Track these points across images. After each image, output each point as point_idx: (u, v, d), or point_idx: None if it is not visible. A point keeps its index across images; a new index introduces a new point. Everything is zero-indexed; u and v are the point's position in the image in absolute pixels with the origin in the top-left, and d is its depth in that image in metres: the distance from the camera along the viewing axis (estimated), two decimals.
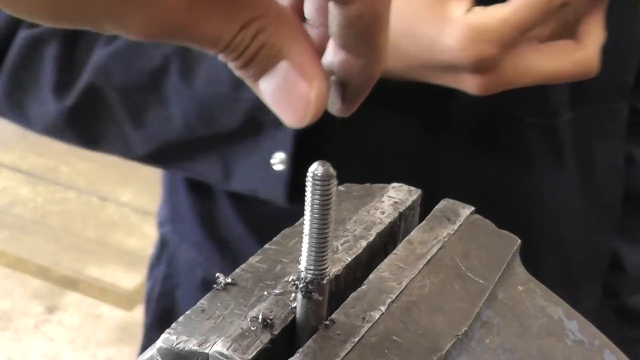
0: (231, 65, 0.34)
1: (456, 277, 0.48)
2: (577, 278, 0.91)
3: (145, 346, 1.04)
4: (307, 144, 0.74)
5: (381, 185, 0.56)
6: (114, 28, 0.31)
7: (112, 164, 3.19)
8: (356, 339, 0.41)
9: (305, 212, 0.38)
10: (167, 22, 0.30)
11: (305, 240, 0.39)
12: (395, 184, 0.55)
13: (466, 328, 0.45)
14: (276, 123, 0.69)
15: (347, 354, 0.40)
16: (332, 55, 0.36)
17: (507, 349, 0.46)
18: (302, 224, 0.39)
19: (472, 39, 0.61)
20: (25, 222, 2.89)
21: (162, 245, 0.96)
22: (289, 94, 0.33)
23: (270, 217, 0.65)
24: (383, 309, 0.44)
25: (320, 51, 0.37)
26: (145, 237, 2.83)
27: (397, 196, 0.53)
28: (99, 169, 3.16)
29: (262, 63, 0.33)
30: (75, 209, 2.96)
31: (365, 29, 0.34)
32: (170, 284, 0.96)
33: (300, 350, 0.40)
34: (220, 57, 0.33)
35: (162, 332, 1.03)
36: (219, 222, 0.87)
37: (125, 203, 2.97)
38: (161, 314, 0.98)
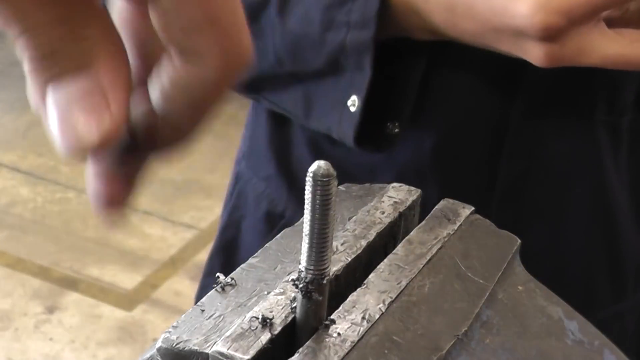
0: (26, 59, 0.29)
1: (456, 277, 0.48)
2: (625, 276, 0.93)
3: (206, 273, 1.13)
4: (382, 92, 0.77)
5: (381, 185, 0.56)
6: None
7: None
8: (356, 339, 0.41)
9: (305, 212, 0.38)
10: None
11: (306, 240, 0.39)
12: (395, 184, 0.55)
13: (466, 328, 0.45)
14: (355, 67, 0.74)
15: (347, 354, 0.40)
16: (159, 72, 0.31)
17: (507, 349, 0.46)
18: (302, 224, 0.39)
19: (542, 7, 0.64)
20: (25, 222, 2.89)
21: (236, 180, 1.02)
22: (75, 113, 0.30)
23: (338, 162, 0.67)
24: (383, 309, 0.44)
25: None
26: (145, 237, 2.83)
27: (397, 196, 0.53)
28: None
29: (54, 65, 0.28)
30: (75, 209, 2.96)
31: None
32: (237, 216, 1.00)
33: (300, 350, 0.40)
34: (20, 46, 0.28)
35: (224, 260, 1.05)
36: (292, 159, 0.92)
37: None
38: (225, 243, 1.02)
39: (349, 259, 0.47)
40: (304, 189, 0.37)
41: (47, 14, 0.27)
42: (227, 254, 1.03)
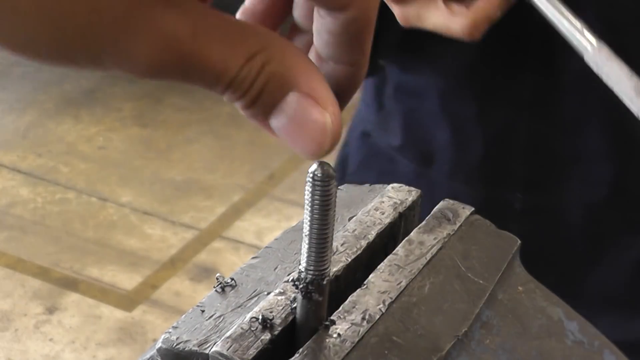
0: (238, 104, 0.32)
1: (456, 278, 0.48)
2: None
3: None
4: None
5: (381, 185, 0.56)
6: (115, 61, 0.29)
7: (112, 165, 3.19)
8: (356, 340, 0.41)
9: (305, 213, 0.38)
10: (171, 51, 0.29)
11: (305, 240, 0.39)
12: (395, 184, 0.55)
13: (466, 328, 0.45)
14: None
15: (347, 354, 0.40)
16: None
17: (507, 349, 0.46)
18: (302, 224, 0.39)
19: None
20: (25, 223, 2.89)
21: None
22: (304, 125, 0.32)
23: None
24: (383, 309, 0.44)
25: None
26: (145, 237, 2.83)
27: (397, 196, 0.53)
28: (99, 170, 3.15)
29: (270, 97, 0.31)
30: (75, 209, 2.96)
31: (358, 34, 0.33)
32: (345, 137, 1.11)
33: (300, 350, 0.40)
34: (226, 96, 0.32)
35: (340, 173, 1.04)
36: (385, 97, 1.01)
37: (125, 203, 2.96)
38: (339, 161, 1.11)
39: (349, 259, 0.47)
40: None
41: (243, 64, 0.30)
42: (341, 171, 1.13)
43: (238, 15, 0.37)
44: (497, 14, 0.77)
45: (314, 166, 0.37)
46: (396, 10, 0.79)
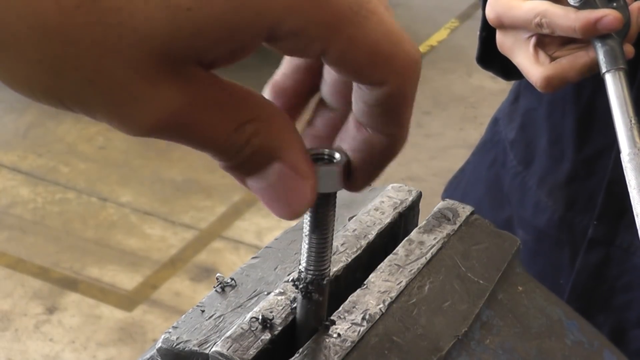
0: (221, 165, 0.33)
1: (456, 278, 0.48)
2: None
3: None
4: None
5: (381, 185, 0.56)
6: (108, 120, 0.30)
7: (112, 165, 3.19)
8: (356, 340, 0.41)
9: (305, 213, 0.38)
10: (166, 119, 0.29)
11: (306, 240, 0.39)
12: (395, 184, 0.55)
13: (466, 328, 0.45)
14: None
15: (347, 354, 0.40)
16: (351, 134, 0.36)
17: (507, 349, 0.46)
18: (302, 224, 0.39)
19: (490, 3, 0.82)
20: (25, 223, 2.89)
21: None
22: (282, 192, 0.33)
23: None
24: (383, 309, 0.44)
25: (335, 131, 0.37)
26: (145, 237, 2.83)
27: (396, 196, 0.53)
28: (99, 169, 3.15)
29: (254, 165, 0.32)
30: (75, 209, 2.96)
31: (394, 108, 0.33)
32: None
33: (300, 350, 0.40)
34: (211, 156, 0.32)
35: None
36: (521, 89, 1.05)
37: (125, 203, 2.96)
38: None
39: (349, 259, 0.47)
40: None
41: (231, 134, 0.31)
42: None
43: (267, 89, 0.37)
44: (575, 78, 0.78)
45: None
46: (497, 34, 0.83)
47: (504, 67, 0.93)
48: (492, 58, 0.93)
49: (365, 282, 0.46)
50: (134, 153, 3.22)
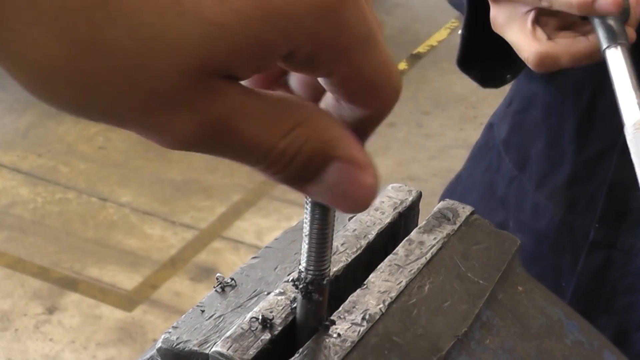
0: (277, 178, 0.32)
1: (456, 278, 0.48)
2: None
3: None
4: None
5: (381, 185, 0.56)
6: (144, 134, 0.30)
7: (112, 165, 3.19)
8: (356, 340, 0.41)
9: (305, 213, 0.38)
10: (203, 131, 0.29)
11: (306, 240, 0.39)
12: (395, 184, 0.55)
13: (466, 329, 0.45)
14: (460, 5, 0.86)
15: (347, 354, 0.40)
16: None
17: (507, 349, 0.46)
18: (302, 224, 0.39)
19: None
20: (25, 223, 2.89)
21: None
22: (348, 188, 0.32)
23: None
24: (383, 309, 0.44)
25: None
26: (145, 237, 2.83)
27: (396, 196, 0.53)
28: (99, 170, 3.15)
29: (312, 171, 0.32)
30: (75, 209, 2.96)
31: (367, 123, 0.34)
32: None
33: (300, 350, 0.40)
34: (264, 170, 0.31)
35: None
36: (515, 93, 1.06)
37: (125, 203, 2.96)
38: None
39: (349, 259, 0.47)
40: None
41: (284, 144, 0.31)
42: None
43: None
44: (569, 63, 0.76)
45: None
46: (491, 9, 0.79)
47: (482, 72, 0.92)
48: (471, 61, 0.92)
49: (365, 282, 0.46)
50: (133, 153, 3.22)
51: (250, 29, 0.28)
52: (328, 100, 0.34)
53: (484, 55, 0.92)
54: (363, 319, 0.43)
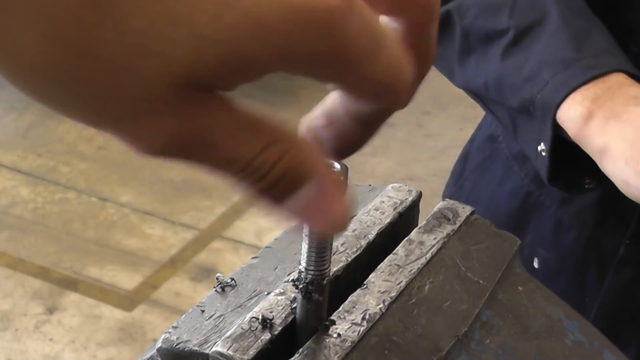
0: (250, 190, 0.32)
1: (456, 278, 0.48)
2: None
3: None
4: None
5: (381, 185, 0.56)
6: (119, 138, 0.30)
7: (112, 165, 3.19)
8: (356, 340, 0.41)
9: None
10: (180, 141, 0.29)
11: (306, 240, 0.39)
12: (395, 184, 0.55)
13: (466, 329, 0.45)
14: (541, 119, 0.79)
15: (347, 354, 0.40)
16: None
17: (507, 349, 0.46)
18: (302, 224, 0.39)
19: None
20: (25, 223, 2.89)
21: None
22: (322, 209, 0.33)
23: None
24: (383, 309, 0.44)
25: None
26: (145, 237, 2.83)
27: (396, 196, 0.53)
28: (99, 170, 3.15)
29: (288, 185, 0.31)
30: (75, 209, 2.96)
31: (375, 118, 0.35)
32: (473, 133, 1.19)
33: (300, 350, 0.40)
34: (240, 182, 0.31)
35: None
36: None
37: (125, 203, 2.96)
38: (462, 154, 1.17)
39: (349, 259, 0.47)
40: None
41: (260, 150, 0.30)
42: (464, 161, 1.17)
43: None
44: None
45: None
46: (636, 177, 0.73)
47: (569, 181, 0.84)
48: (556, 173, 0.84)
49: (365, 282, 0.46)
50: (133, 153, 3.22)
51: (245, 47, 0.28)
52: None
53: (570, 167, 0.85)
54: (363, 319, 0.43)
